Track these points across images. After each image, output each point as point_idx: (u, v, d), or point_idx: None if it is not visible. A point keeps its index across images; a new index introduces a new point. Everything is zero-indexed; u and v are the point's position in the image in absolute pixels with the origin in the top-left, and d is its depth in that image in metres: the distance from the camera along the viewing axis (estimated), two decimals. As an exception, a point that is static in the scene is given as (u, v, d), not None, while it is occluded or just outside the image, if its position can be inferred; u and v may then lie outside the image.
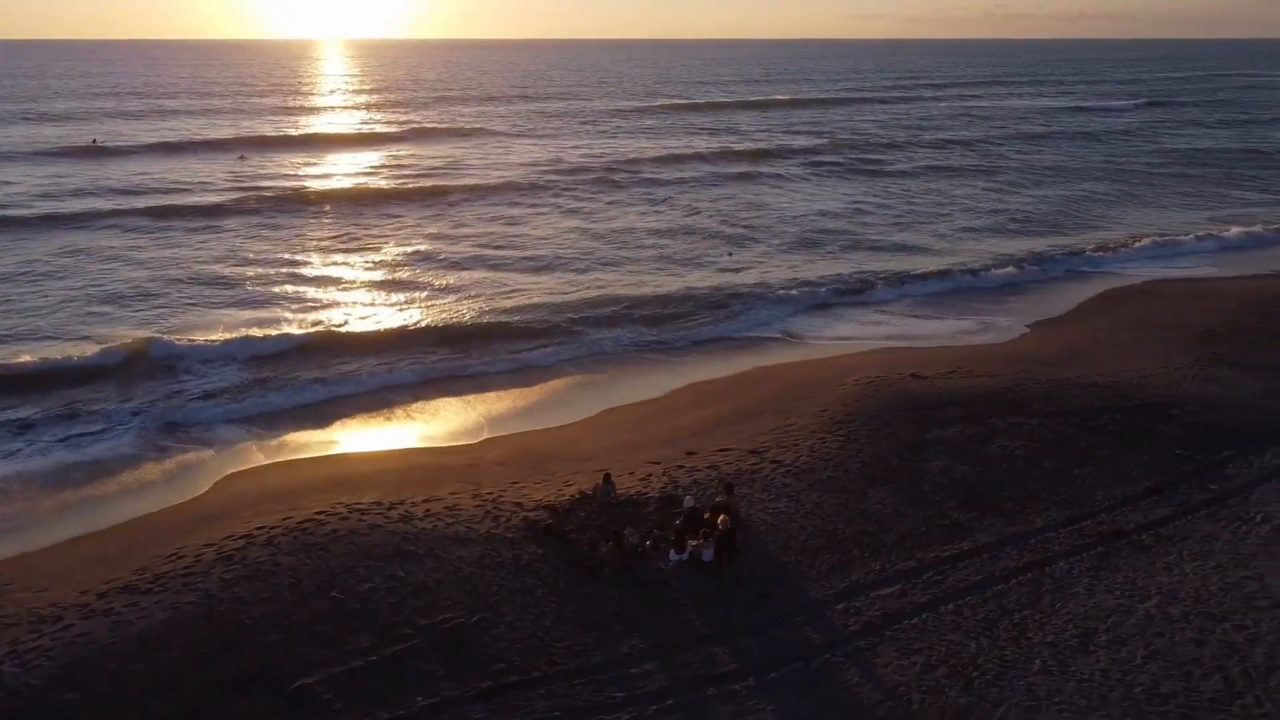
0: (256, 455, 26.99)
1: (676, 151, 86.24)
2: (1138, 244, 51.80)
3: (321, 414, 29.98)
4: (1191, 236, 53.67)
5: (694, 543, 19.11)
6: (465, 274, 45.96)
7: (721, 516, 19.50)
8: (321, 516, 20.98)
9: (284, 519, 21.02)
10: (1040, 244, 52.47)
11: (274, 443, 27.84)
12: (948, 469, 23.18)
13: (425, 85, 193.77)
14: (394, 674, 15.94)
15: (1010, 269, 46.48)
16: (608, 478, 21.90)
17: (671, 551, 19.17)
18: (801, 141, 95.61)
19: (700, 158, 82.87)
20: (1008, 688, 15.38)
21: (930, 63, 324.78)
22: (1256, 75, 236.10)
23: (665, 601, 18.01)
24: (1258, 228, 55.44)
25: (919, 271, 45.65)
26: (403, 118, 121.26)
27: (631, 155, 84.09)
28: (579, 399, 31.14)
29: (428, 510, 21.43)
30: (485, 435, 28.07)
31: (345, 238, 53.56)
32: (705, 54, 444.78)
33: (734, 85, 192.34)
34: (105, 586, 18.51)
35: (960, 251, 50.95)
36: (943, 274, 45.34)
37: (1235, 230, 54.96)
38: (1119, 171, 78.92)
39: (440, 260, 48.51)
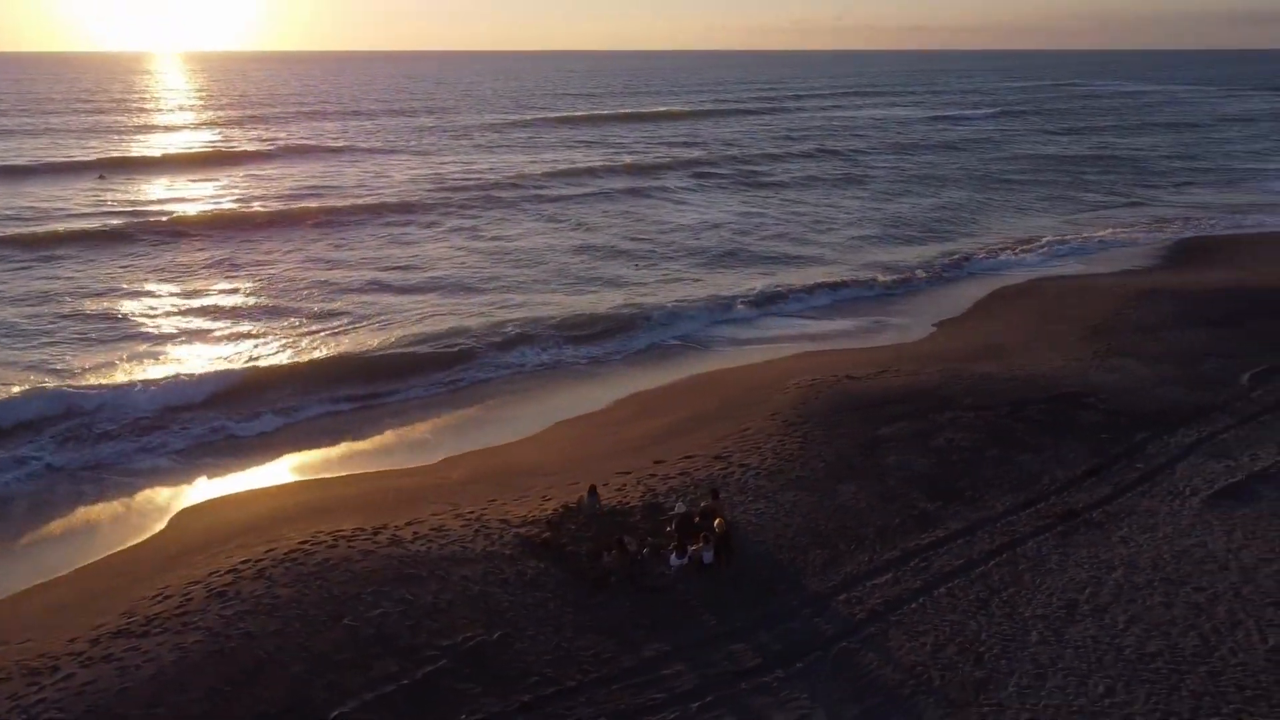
0: (204, 489, 26.10)
1: (561, 166, 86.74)
2: (1017, 246, 55.50)
3: (260, 446, 29.20)
4: (1062, 239, 57.84)
5: (694, 546, 19.73)
6: (372, 298, 45.12)
7: (718, 520, 20.20)
8: (307, 546, 20.58)
9: (267, 550, 20.52)
10: (927, 250, 55.49)
11: (218, 477, 26.97)
12: (905, 463, 24.57)
13: (283, 99, 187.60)
14: (429, 696, 15.94)
15: (905, 273, 49.04)
16: (593, 490, 22.28)
17: (673, 556, 19.73)
18: (681, 153, 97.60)
19: (587, 172, 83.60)
20: (1014, 659, 16.63)
21: (786, 73, 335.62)
22: (1079, 85, 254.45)
23: (675, 604, 18.55)
24: (1111, 230, 60.24)
25: (824, 280, 47.55)
26: (267, 134, 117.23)
27: (514, 171, 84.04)
28: (523, 415, 31.29)
29: (415, 533, 21.31)
30: (441, 456, 27.93)
31: (236, 264, 51.71)
32: (561, 65, 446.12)
33: (601, 98, 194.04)
34: (95, 633, 17.72)
35: (854, 259, 53.34)
36: (845, 281, 47.43)
37: (1103, 232, 59.60)
38: (982, 178, 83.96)
39: (342, 285, 47.34)
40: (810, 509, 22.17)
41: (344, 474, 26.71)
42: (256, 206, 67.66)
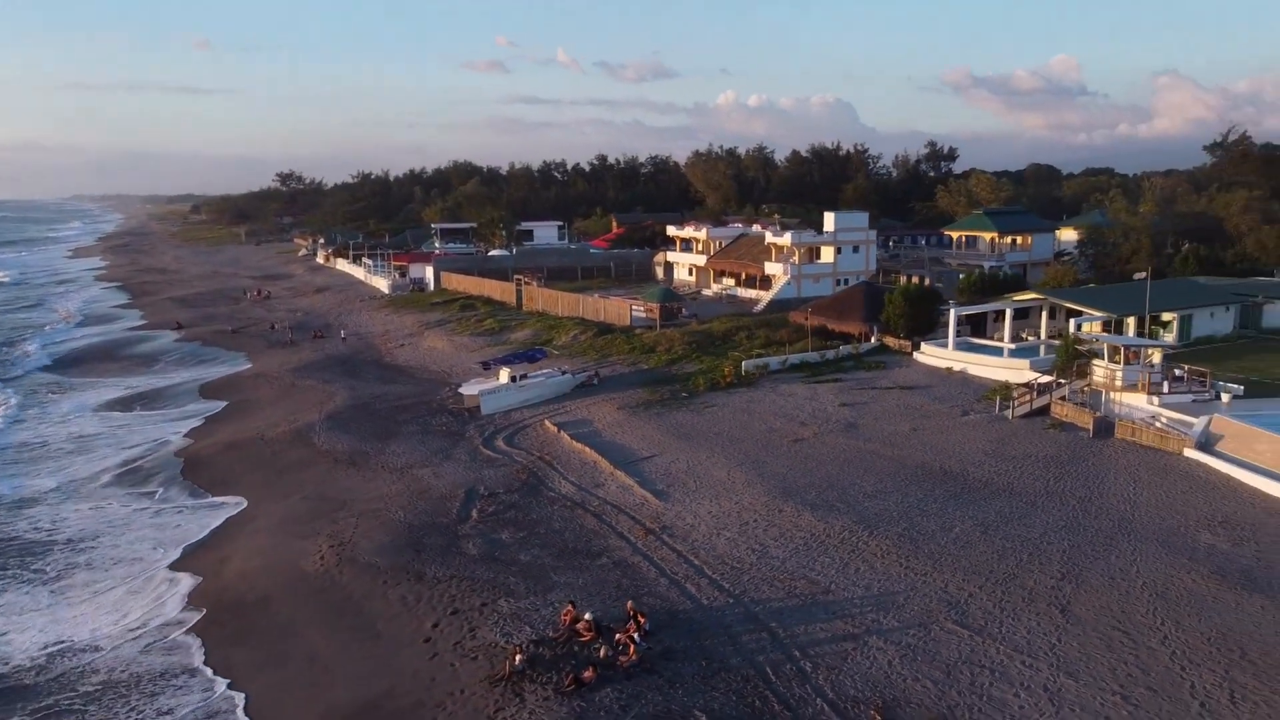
0: None
1: None
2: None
3: None
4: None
5: (641, 621, 25.60)
6: None
7: (629, 602, 26.34)
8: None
9: None
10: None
11: None
12: (535, 556, 31.75)
13: None
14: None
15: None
16: (522, 648, 24.92)
17: (637, 638, 25.13)
18: None
19: None
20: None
21: None
22: None
23: (696, 652, 24.74)
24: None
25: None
26: None
27: None
28: None
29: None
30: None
31: None
32: None
33: None
34: None
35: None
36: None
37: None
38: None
39: None
40: (585, 590, 28.58)
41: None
42: None
